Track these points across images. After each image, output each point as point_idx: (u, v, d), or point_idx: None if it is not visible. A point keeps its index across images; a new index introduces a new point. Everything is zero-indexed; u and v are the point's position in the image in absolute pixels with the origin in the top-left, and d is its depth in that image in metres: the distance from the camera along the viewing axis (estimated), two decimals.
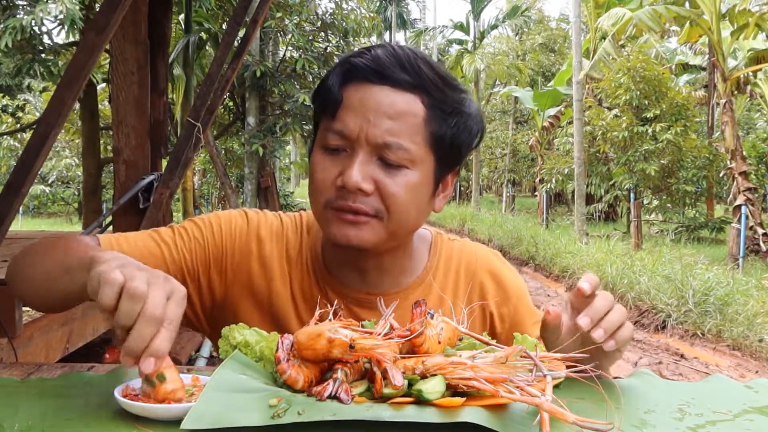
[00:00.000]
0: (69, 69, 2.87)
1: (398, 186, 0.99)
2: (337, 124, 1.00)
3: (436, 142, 1.01)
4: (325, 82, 1.03)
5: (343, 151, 1.00)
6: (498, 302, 1.17)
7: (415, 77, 0.99)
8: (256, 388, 0.79)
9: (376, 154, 0.98)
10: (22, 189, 2.77)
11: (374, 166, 0.98)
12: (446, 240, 1.21)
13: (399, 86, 0.99)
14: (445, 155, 1.04)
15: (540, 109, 21.85)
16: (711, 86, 15.64)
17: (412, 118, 0.99)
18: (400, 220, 1.01)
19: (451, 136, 1.03)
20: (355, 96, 0.99)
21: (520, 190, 34.38)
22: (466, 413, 0.71)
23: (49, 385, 0.88)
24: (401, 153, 0.98)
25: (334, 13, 11.98)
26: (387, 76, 0.99)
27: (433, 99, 1.00)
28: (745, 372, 5.73)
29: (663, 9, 12.65)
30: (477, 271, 1.18)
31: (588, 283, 0.92)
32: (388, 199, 0.99)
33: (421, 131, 1.00)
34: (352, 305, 1.10)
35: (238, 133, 13.64)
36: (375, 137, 0.97)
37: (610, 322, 0.91)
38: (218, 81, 3.96)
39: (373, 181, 0.98)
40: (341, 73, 1.02)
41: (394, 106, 0.98)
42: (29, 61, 8.35)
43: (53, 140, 2.85)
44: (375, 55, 1.00)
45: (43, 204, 23.84)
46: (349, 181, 0.97)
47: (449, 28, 30.99)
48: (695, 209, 16.24)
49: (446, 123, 1.02)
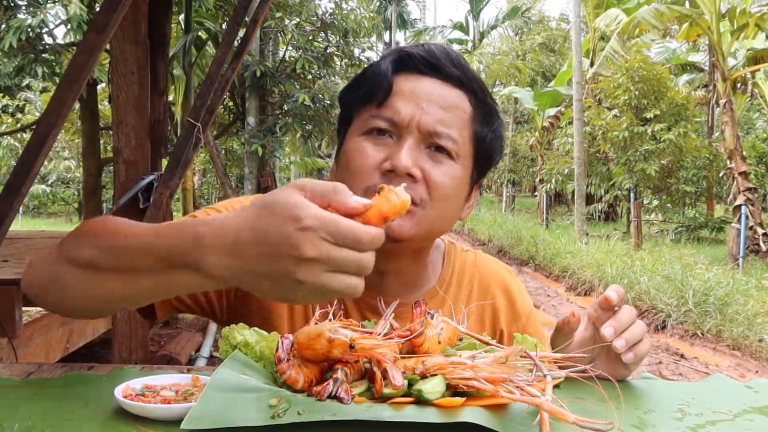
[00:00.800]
0: (69, 69, 2.86)
1: (444, 176, 0.99)
2: (387, 110, 0.99)
3: (478, 143, 1.03)
4: (373, 70, 1.03)
5: (389, 137, 0.99)
6: (508, 321, 1.17)
7: (463, 75, 1.02)
8: (256, 388, 0.79)
9: (425, 142, 0.98)
10: (22, 189, 2.77)
11: (422, 155, 0.98)
12: (459, 251, 1.20)
13: (450, 81, 1.01)
14: (482, 159, 1.06)
15: (540, 109, 21.86)
16: (711, 86, 15.64)
17: (462, 112, 1.01)
18: (439, 212, 1.00)
19: (490, 140, 1.05)
20: (407, 84, 1.00)
21: (520, 190, 34.39)
22: (466, 413, 0.71)
23: (49, 385, 0.88)
24: (450, 143, 0.99)
25: (334, 13, 11.98)
26: (439, 69, 1.00)
27: (478, 100, 1.03)
28: (745, 372, 5.73)
29: (665, 8, 12.67)
30: (490, 287, 1.18)
31: (615, 293, 0.93)
32: (434, 189, 0.98)
33: (468, 127, 1.02)
34: (366, 311, 1.08)
35: (238, 133, 13.64)
36: (427, 125, 0.98)
37: (632, 333, 0.93)
38: (218, 81, 3.96)
39: (420, 169, 0.97)
40: (393, 61, 1.02)
41: (445, 97, 1.00)
42: (31, 62, 8.35)
43: (53, 140, 2.85)
44: (428, 49, 1.02)
45: (43, 204, 23.86)
46: (399, 164, 0.95)
47: (449, 28, 31.01)
48: (695, 209, 16.26)
49: (488, 125, 1.04)
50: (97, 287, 0.83)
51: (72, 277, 0.85)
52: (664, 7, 12.73)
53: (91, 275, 0.83)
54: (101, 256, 0.82)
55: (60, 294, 0.88)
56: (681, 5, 13.19)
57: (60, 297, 0.88)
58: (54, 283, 0.88)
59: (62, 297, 0.88)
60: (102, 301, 0.85)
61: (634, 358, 0.93)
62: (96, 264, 0.82)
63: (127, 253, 0.80)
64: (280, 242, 0.68)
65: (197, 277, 0.74)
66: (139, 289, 0.80)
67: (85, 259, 0.83)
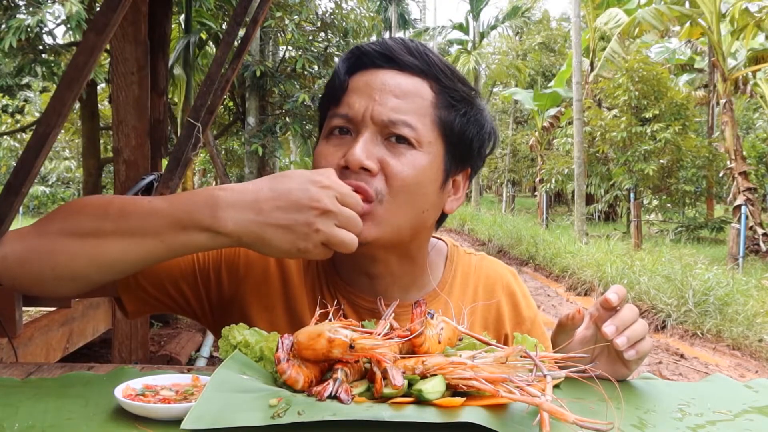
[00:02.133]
0: (69, 69, 2.86)
1: (404, 166, 0.95)
2: (342, 108, 0.99)
3: (445, 129, 0.99)
4: (333, 73, 1.03)
5: (348, 134, 0.98)
6: (512, 325, 1.15)
7: (423, 63, 0.99)
8: (256, 388, 0.79)
9: (381, 134, 0.96)
10: (22, 189, 2.76)
11: (380, 147, 0.96)
12: (463, 253, 1.17)
13: (407, 69, 0.99)
14: (456, 146, 1.01)
15: (540, 109, 21.86)
16: (711, 86, 15.64)
17: (419, 99, 0.98)
18: (404, 204, 0.96)
19: (461, 125, 1.01)
20: (362, 80, 0.99)
21: (520, 190, 34.39)
22: (466, 413, 0.71)
23: (49, 385, 0.88)
24: (407, 130, 0.96)
25: (334, 12, 11.98)
26: (394, 59, 0.99)
27: (442, 85, 1.00)
28: (745, 372, 5.73)
29: (665, 8, 12.67)
30: (495, 291, 1.15)
31: (616, 294, 0.94)
32: (392, 179, 0.95)
33: (429, 114, 0.98)
34: (366, 315, 1.06)
35: (238, 133, 13.64)
36: (380, 114, 0.95)
37: (633, 331, 0.93)
38: (218, 81, 3.95)
39: (378, 162, 0.95)
40: (349, 61, 1.01)
41: (401, 86, 0.98)
42: (30, 62, 8.35)
43: (53, 140, 2.84)
44: (383, 42, 1.01)
45: (43, 204, 23.85)
46: (351, 158, 0.94)
47: (449, 28, 30.99)
48: (695, 209, 16.26)
49: (455, 110, 1.00)
50: (96, 252, 0.89)
51: (64, 247, 0.90)
52: (664, 7, 12.74)
53: (90, 241, 0.89)
54: (107, 222, 0.89)
55: (42, 265, 0.91)
56: (681, 5, 13.19)
57: (42, 268, 0.91)
58: (36, 255, 0.91)
59: (46, 268, 0.91)
60: (96, 266, 0.91)
61: (636, 355, 0.93)
62: (99, 230, 0.89)
63: (137, 217, 0.89)
64: (301, 197, 0.85)
65: (206, 236, 0.87)
66: (141, 250, 0.88)
67: (87, 228, 0.90)
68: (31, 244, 0.93)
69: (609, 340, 0.92)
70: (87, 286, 0.94)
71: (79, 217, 0.92)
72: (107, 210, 0.91)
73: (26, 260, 0.92)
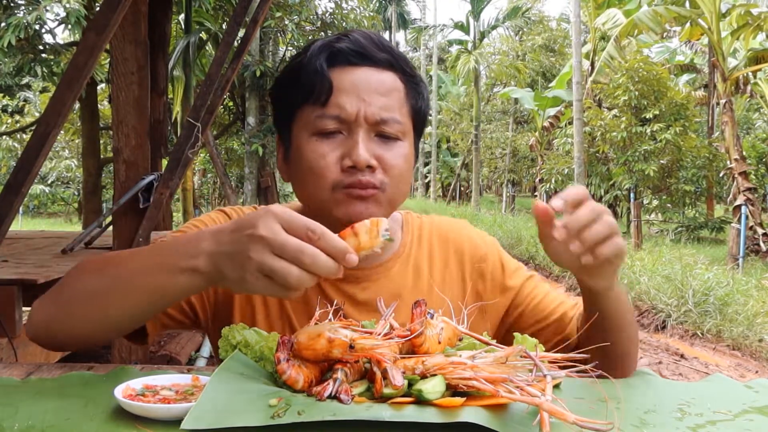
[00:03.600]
0: (69, 69, 2.87)
1: (396, 158, 1.05)
2: (333, 108, 1.03)
3: (415, 115, 1.10)
4: (306, 68, 1.04)
5: (339, 133, 1.04)
6: (476, 261, 1.21)
7: (390, 57, 1.07)
8: (256, 388, 0.79)
9: (374, 131, 1.04)
10: (22, 189, 2.77)
11: (373, 143, 1.04)
12: (415, 217, 1.26)
13: (380, 65, 1.06)
14: (421, 126, 1.13)
15: (540, 110, 21.87)
16: (711, 86, 15.65)
17: (398, 93, 1.06)
18: (398, 189, 1.06)
19: (422, 107, 1.11)
20: (345, 79, 1.04)
21: (520, 190, 34.41)
22: (466, 413, 0.71)
23: (49, 385, 0.88)
24: (397, 126, 1.05)
25: (334, 12, 11.99)
26: (368, 56, 1.05)
27: (406, 75, 1.08)
28: (745, 372, 5.72)
29: (663, 9, 12.66)
30: (449, 238, 1.23)
31: (561, 199, 0.85)
32: (390, 171, 1.04)
33: (405, 105, 1.07)
34: (338, 281, 1.12)
35: (238, 133, 13.65)
36: (373, 115, 1.03)
37: (592, 233, 0.85)
38: (218, 81, 3.96)
39: (376, 158, 1.03)
40: (326, 59, 1.05)
41: (383, 83, 1.05)
42: (30, 61, 8.36)
43: (53, 140, 2.85)
44: (354, 39, 1.06)
45: (43, 204, 23.85)
46: (359, 160, 1.01)
47: (449, 27, 30.99)
48: (695, 209, 16.25)
49: (419, 95, 1.10)
50: (104, 310, 0.92)
51: (79, 308, 0.94)
52: (662, 8, 12.72)
53: (98, 301, 0.92)
54: (105, 282, 0.92)
55: (65, 331, 0.96)
56: (681, 6, 13.18)
57: (64, 334, 0.96)
58: (57, 324, 0.96)
59: (68, 333, 0.96)
60: (105, 324, 0.94)
61: (594, 260, 0.85)
62: (102, 291, 0.92)
63: (128, 274, 0.91)
64: (244, 222, 0.79)
65: (190, 277, 0.83)
66: (141, 302, 0.89)
67: (91, 288, 0.93)
68: (50, 314, 0.97)
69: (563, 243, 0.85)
70: (113, 334, 1.00)
71: (83, 280, 0.96)
72: (102, 270, 0.95)
73: (50, 329, 0.97)
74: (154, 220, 3.90)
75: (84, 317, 0.93)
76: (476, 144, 26.69)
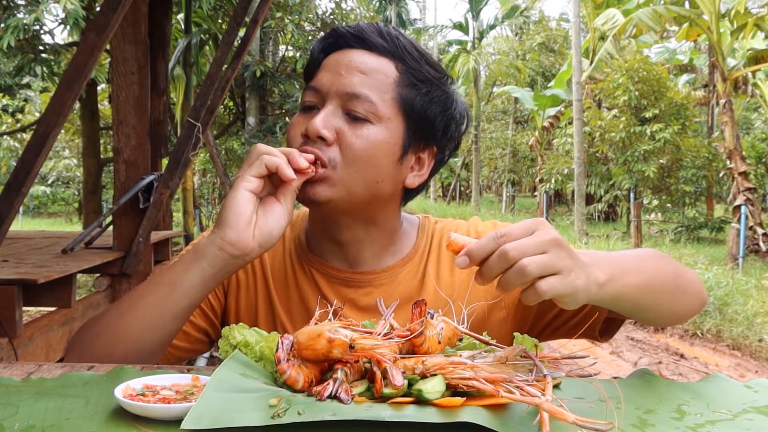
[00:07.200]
0: (69, 69, 2.87)
1: (359, 138, 1.01)
2: (314, 82, 1.05)
3: (405, 107, 1.04)
4: (311, 55, 1.10)
5: (316, 108, 1.04)
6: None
7: (390, 44, 1.05)
8: (256, 388, 0.79)
9: (343, 107, 1.02)
10: (22, 189, 2.77)
11: (339, 119, 1.01)
12: (432, 222, 1.23)
13: (375, 50, 1.05)
14: (417, 124, 1.06)
15: (540, 109, 21.87)
16: (711, 86, 15.64)
17: (383, 76, 1.03)
18: (356, 173, 1.01)
19: (422, 104, 1.05)
20: (333, 58, 1.06)
21: (520, 190, 34.41)
22: (466, 413, 0.71)
23: (50, 385, 0.88)
24: (367, 105, 1.01)
25: (334, 12, 11.99)
26: (364, 39, 1.05)
27: (407, 66, 1.05)
28: (744, 372, 5.73)
29: (663, 9, 12.65)
30: None
31: (465, 256, 0.79)
32: (346, 150, 1.00)
33: (391, 91, 1.03)
34: (339, 285, 1.12)
35: (238, 133, 13.65)
36: (344, 86, 1.01)
37: (505, 282, 0.78)
38: (218, 81, 3.96)
39: (335, 132, 1.01)
40: (325, 42, 1.08)
41: (366, 63, 1.03)
42: (30, 61, 8.36)
43: (53, 140, 2.85)
44: (357, 25, 1.07)
45: (43, 204, 23.85)
46: (310, 127, 1.00)
47: (448, 27, 30.97)
48: (695, 209, 16.25)
49: (417, 89, 1.05)
50: (142, 313, 1.01)
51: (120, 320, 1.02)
52: (662, 8, 12.71)
53: (138, 306, 1.02)
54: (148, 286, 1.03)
55: (114, 343, 1.02)
56: (680, 5, 13.17)
57: (112, 346, 1.02)
58: (102, 339, 1.04)
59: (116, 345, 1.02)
60: (146, 325, 1.01)
61: (482, 280, 0.79)
62: (139, 298, 1.02)
63: (160, 273, 1.03)
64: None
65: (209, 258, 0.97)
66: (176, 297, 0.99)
67: (135, 296, 1.03)
68: (106, 322, 1.04)
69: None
70: (160, 342, 1.03)
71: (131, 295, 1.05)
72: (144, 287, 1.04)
73: (93, 347, 1.03)
74: (154, 220, 3.90)
75: (130, 323, 1.01)
76: (476, 144, 26.69)
